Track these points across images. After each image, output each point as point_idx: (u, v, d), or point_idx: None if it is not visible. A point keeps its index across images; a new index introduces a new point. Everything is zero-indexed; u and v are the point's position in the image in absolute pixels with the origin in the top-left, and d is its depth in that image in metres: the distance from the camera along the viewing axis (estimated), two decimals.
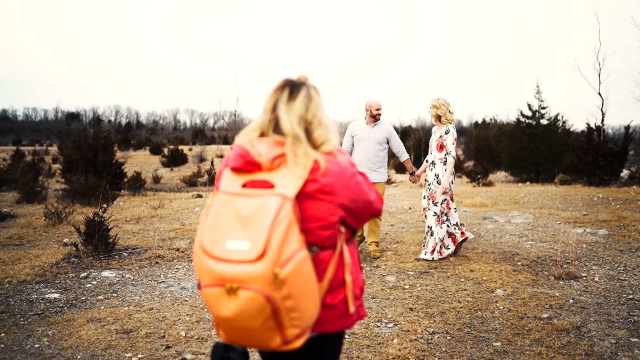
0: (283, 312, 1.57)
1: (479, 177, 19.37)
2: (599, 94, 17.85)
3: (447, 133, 6.21)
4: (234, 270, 1.55)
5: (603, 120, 17.29)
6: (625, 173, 17.24)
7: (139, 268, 6.07)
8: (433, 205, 6.27)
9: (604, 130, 17.06)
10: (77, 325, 4.33)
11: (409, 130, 38.88)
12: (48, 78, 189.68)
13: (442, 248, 6.31)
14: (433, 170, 6.29)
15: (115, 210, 10.31)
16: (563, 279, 5.52)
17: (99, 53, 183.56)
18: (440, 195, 6.22)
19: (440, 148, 6.26)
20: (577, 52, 68.86)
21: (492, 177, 21.86)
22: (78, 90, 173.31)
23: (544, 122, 22.95)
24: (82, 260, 6.21)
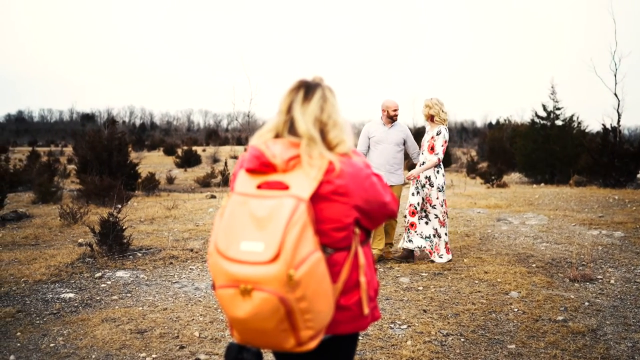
0: (297, 313, 1.57)
1: (493, 178, 19.21)
2: (615, 95, 17.65)
3: (438, 134, 6.16)
4: (248, 272, 1.54)
5: (619, 121, 17.09)
6: None
7: (153, 268, 6.11)
8: (432, 209, 6.24)
9: (620, 132, 16.85)
10: (91, 325, 4.37)
11: (423, 132, 38.65)
12: (63, 79, 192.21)
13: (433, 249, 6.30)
14: (424, 172, 6.25)
15: (130, 211, 10.38)
16: (578, 282, 5.45)
17: (114, 55, 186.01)
18: (436, 199, 6.19)
19: (432, 149, 6.21)
20: (592, 52, 67.87)
21: (506, 178, 21.64)
22: (93, 92, 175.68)
23: (559, 123, 22.67)
24: (96, 260, 6.27)
